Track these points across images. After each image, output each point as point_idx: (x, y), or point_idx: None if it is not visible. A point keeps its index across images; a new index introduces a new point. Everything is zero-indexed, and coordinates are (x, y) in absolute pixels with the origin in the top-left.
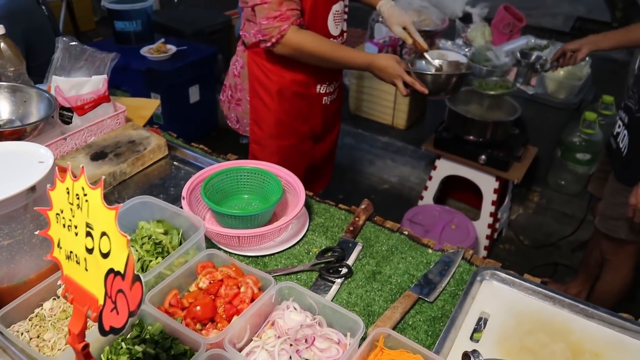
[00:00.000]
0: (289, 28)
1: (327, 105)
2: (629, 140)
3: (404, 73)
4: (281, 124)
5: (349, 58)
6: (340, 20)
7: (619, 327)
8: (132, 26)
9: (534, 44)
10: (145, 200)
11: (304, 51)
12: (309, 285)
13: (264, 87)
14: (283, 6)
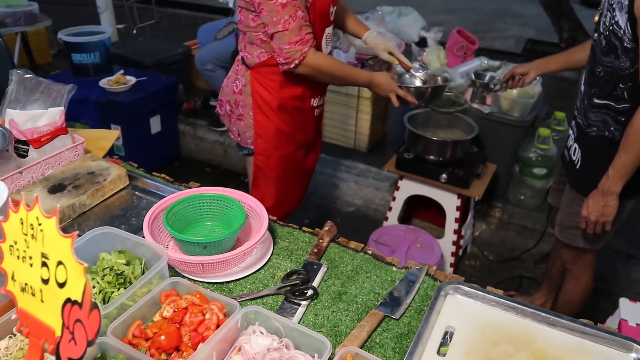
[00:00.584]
0: (309, 50)
1: (317, 117)
2: (580, 154)
3: (397, 87)
4: (282, 135)
5: (355, 76)
6: (330, 41)
7: (580, 332)
8: (90, 58)
9: (487, 65)
10: (105, 231)
11: (322, 70)
12: (275, 309)
13: (266, 102)
14: (302, 31)
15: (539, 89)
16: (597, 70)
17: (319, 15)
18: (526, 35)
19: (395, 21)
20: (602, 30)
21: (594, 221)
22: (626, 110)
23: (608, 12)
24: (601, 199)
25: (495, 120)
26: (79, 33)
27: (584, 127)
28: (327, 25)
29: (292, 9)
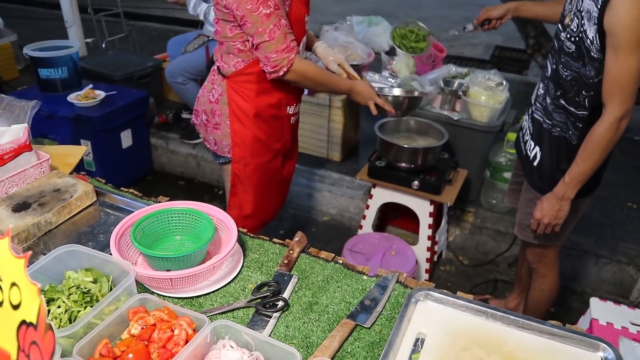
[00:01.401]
0: (295, 57)
1: (294, 124)
2: (540, 152)
3: (376, 96)
4: (259, 143)
5: (337, 83)
6: (303, 51)
7: (549, 334)
8: (57, 73)
9: (455, 72)
10: (71, 249)
11: (308, 77)
12: (246, 322)
13: (243, 110)
14: (287, 38)
15: (507, 95)
16: (564, 73)
17: (296, 24)
18: (494, 42)
19: (366, 31)
20: (572, 35)
21: (546, 224)
22: (584, 118)
23: (576, 18)
24: (556, 203)
25: (465, 127)
26: (46, 48)
27: (546, 126)
28: (302, 35)
29: (276, 18)
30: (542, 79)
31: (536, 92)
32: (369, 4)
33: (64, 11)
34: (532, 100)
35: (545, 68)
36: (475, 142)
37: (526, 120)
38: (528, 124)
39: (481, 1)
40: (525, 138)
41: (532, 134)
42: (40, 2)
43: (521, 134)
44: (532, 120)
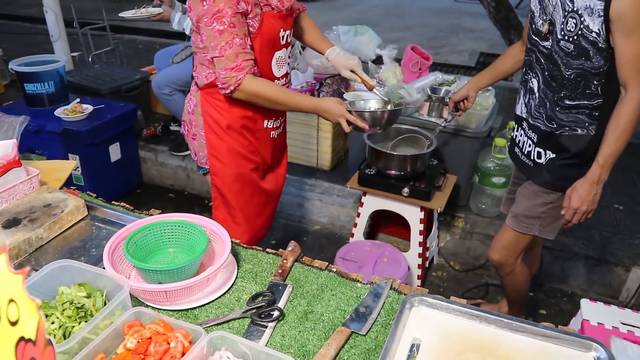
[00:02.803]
0: (244, 78)
1: (275, 139)
2: (550, 153)
3: (346, 112)
4: (235, 153)
5: (298, 102)
6: (283, 64)
7: (542, 336)
8: (44, 88)
9: (442, 79)
10: (63, 264)
11: (259, 96)
12: (242, 333)
13: (216, 122)
14: (239, 58)
15: (493, 100)
16: (566, 73)
17: (267, 41)
18: (479, 48)
19: (352, 40)
20: (565, 37)
21: (585, 211)
22: (600, 105)
23: (570, 19)
24: (591, 188)
25: (453, 133)
26: (32, 62)
27: (551, 130)
28: (276, 49)
29: (229, 36)
30: (526, 94)
31: (524, 107)
32: (354, 14)
33: (49, 25)
34: (523, 115)
35: (528, 82)
36: (463, 148)
37: (521, 135)
38: (526, 138)
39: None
40: (527, 149)
41: (537, 142)
42: (25, 17)
43: (518, 149)
44: (533, 131)
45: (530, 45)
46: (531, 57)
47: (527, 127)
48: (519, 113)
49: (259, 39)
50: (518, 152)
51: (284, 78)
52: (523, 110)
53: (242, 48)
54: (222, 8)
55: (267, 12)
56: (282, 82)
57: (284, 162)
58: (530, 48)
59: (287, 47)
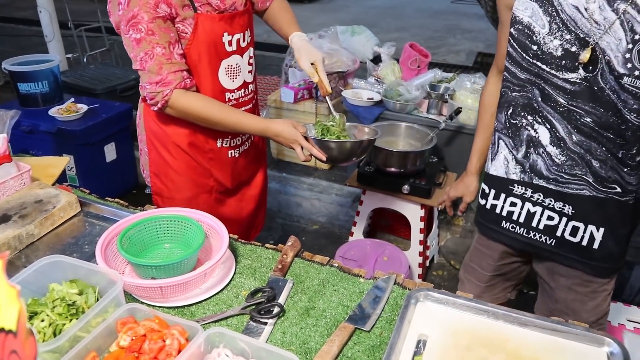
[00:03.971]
0: (171, 93)
1: (236, 159)
2: (599, 228)
3: (301, 138)
4: (181, 177)
5: (240, 122)
6: (238, 73)
7: (552, 330)
8: (37, 87)
9: (441, 77)
10: (55, 260)
11: (191, 115)
12: (241, 330)
13: (159, 139)
14: (164, 70)
15: None
16: (633, 121)
17: (208, 47)
18: (476, 49)
19: (349, 40)
20: (634, 73)
21: None
22: None
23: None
24: None
25: (453, 130)
26: (25, 62)
27: (611, 196)
28: (223, 57)
29: (147, 45)
30: (521, 145)
31: (518, 166)
32: (350, 15)
33: (43, 25)
34: (517, 177)
35: (523, 130)
36: (463, 145)
37: (521, 205)
38: (538, 208)
39: (460, 10)
40: (545, 223)
41: (573, 214)
42: (20, 19)
43: (512, 224)
44: (562, 199)
45: (527, 76)
46: (531, 94)
47: (543, 194)
48: (505, 174)
49: (195, 46)
50: (514, 227)
51: (243, 89)
52: (515, 170)
53: (167, 59)
54: (137, 13)
55: (202, 14)
56: (239, 94)
57: (255, 182)
58: (530, 80)
59: (243, 53)
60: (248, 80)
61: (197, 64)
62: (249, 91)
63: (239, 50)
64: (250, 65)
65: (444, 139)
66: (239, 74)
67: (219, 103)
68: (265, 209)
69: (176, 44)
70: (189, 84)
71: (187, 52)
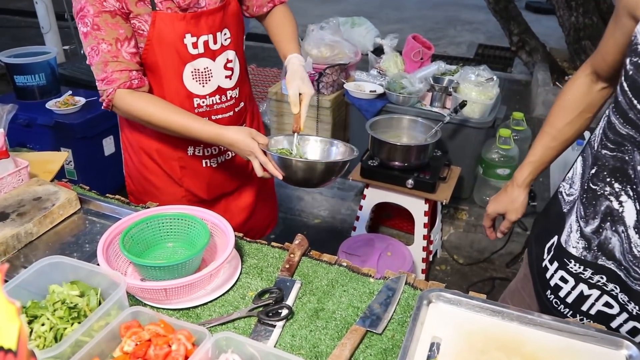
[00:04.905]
0: (114, 92)
1: (212, 169)
2: None
3: (258, 150)
4: (150, 183)
5: (188, 127)
6: (207, 78)
7: (569, 332)
8: (34, 80)
9: (444, 69)
10: (55, 260)
11: (134, 116)
12: (248, 333)
13: (130, 142)
14: (108, 67)
15: (497, 90)
16: None
17: (168, 48)
18: (477, 40)
19: (349, 32)
20: None
21: None
22: None
23: None
24: None
25: (457, 123)
26: (22, 54)
27: None
28: (187, 60)
29: (93, 40)
30: (602, 219)
31: (589, 248)
32: (350, 6)
33: (39, 17)
34: (586, 257)
35: (609, 200)
36: (467, 138)
37: (578, 286)
38: (596, 292)
39: (461, 1)
40: (622, 321)
41: (636, 316)
42: (16, 10)
43: (583, 319)
44: (632, 296)
45: (631, 132)
46: (629, 156)
47: (607, 277)
48: (563, 243)
49: (153, 46)
50: (558, 305)
51: (218, 95)
52: (577, 244)
53: (112, 56)
54: (83, 5)
55: (160, 12)
56: (212, 100)
57: (244, 194)
58: (633, 139)
59: (216, 57)
60: (225, 86)
61: (158, 65)
62: (226, 98)
63: (208, 54)
64: (227, 70)
65: (448, 133)
66: (210, 79)
67: (167, 105)
68: (272, 213)
69: (126, 42)
70: (135, 84)
71: (145, 52)
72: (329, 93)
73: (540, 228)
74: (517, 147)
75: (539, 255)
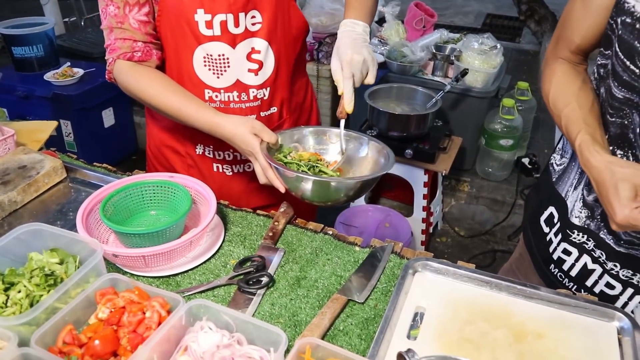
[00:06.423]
0: (114, 63)
1: (227, 177)
2: None
3: (259, 153)
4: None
5: (185, 111)
6: (223, 68)
7: (559, 304)
8: (32, 51)
9: (447, 37)
10: (34, 228)
11: (132, 93)
12: (228, 301)
13: (149, 126)
14: (112, 34)
15: (501, 59)
16: None
17: (178, 23)
18: (485, 10)
19: None
20: None
21: None
22: None
23: None
24: None
25: (459, 93)
26: (20, 25)
27: None
28: (200, 41)
29: (102, 1)
30: None
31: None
32: None
33: None
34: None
35: None
36: (469, 108)
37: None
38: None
39: None
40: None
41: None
42: None
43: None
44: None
45: (628, 95)
46: (628, 121)
47: (606, 254)
48: (577, 221)
49: (163, 18)
50: (563, 279)
51: (237, 92)
52: (580, 213)
53: (118, 21)
54: None
55: None
56: (229, 96)
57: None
58: (631, 101)
59: (236, 43)
60: (248, 82)
61: (169, 42)
62: (248, 97)
63: (226, 37)
64: (252, 63)
65: (450, 102)
66: (226, 70)
67: (166, 83)
68: None
69: (136, 7)
70: (138, 56)
71: (158, 23)
72: (328, 62)
73: (533, 204)
74: (521, 117)
75: (538, 231)
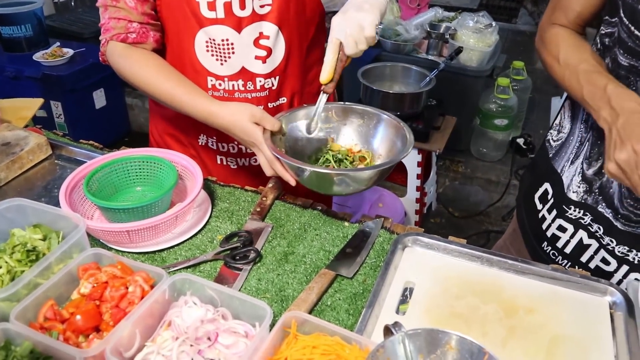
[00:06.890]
0: (106, 44)
1: (232, 170)
2: None
3: (262, 144)
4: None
5: (179, 99)
6: (227, 54)
7: (551, 278)
8: (21, 31)
9: (442, 15)
10: (16, 203)
11: (125, 77)
12: (214, 277)
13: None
14: (107, 13)
15: (496, 38)
16: None
17: (179, 3)
18: None
19: None
20: None
21: None
22: None
23: None
24: None
25: (453, 72)
26: (7, 4)
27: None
28: (200, 24)
29: None
30: None
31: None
32: None
33: None
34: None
35: None
36: (464, 87)
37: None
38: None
39: None
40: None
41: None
42: None
43: None
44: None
45: (633, 62)
46: (635, 88)
47: (603, 229)
48: (564, 189)
49: (164, 6)
50: (556, 256)
51: (243, 80)
52: (578, 188)
53: (113, 0)
54: None
55: None
56: (233, 85)
57: None
58: (636, 69)
59: (242, 27)
60: (255, 70)
61: (170, 25)
62: (254, 86)
63: (231, 21)
64: (260, 49)
65: (444, 82)
66: (230, 56)
67: (160, 67)
68: None
69: None
70: (132, 38)
71: (159, 3)
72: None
73: (527, 182)
74: (516, 97)
75: (531, 208)
